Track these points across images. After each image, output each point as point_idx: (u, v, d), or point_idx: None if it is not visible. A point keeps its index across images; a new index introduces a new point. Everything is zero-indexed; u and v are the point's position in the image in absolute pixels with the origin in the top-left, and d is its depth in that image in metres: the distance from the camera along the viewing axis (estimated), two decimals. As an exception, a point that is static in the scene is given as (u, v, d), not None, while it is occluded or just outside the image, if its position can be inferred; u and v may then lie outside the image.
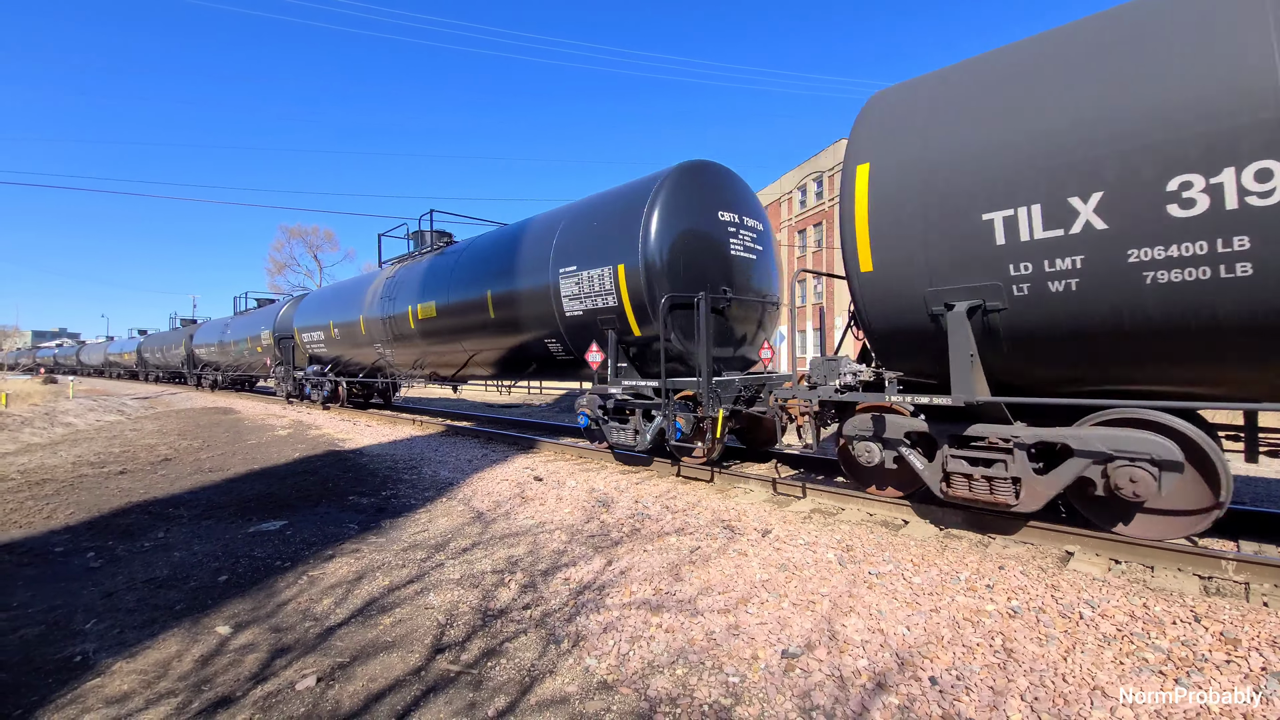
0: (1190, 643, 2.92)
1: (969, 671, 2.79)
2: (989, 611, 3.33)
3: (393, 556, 4.67)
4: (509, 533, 5.17)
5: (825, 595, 3.63)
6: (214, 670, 3.06)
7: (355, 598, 3.93)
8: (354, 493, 6.74)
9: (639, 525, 5.15)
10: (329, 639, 3.37)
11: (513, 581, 4.10)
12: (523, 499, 6.19)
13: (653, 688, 2.82)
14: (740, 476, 6.65)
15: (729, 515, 5.30)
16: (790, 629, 3.27)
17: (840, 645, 3.08)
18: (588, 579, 4.08)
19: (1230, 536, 4.65)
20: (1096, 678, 2.68)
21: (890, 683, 2.75)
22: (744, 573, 4.02)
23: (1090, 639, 3.00)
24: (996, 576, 3.76)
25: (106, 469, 8.26)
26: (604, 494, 6.17)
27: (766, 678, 2.85)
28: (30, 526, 5.59)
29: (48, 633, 3.51)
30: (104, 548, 5.00)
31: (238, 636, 3.43)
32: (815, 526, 4.98)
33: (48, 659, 3.21)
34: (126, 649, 3.30)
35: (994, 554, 4.29)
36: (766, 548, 4.45)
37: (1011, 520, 4.68)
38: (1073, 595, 3.45)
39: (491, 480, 7.09)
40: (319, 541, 5.07)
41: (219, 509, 6.16)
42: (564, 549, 4.68)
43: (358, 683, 2.92)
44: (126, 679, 3.00)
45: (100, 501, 6.48)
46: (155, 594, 4.05)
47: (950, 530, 4.92)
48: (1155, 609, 3.26)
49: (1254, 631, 2.98)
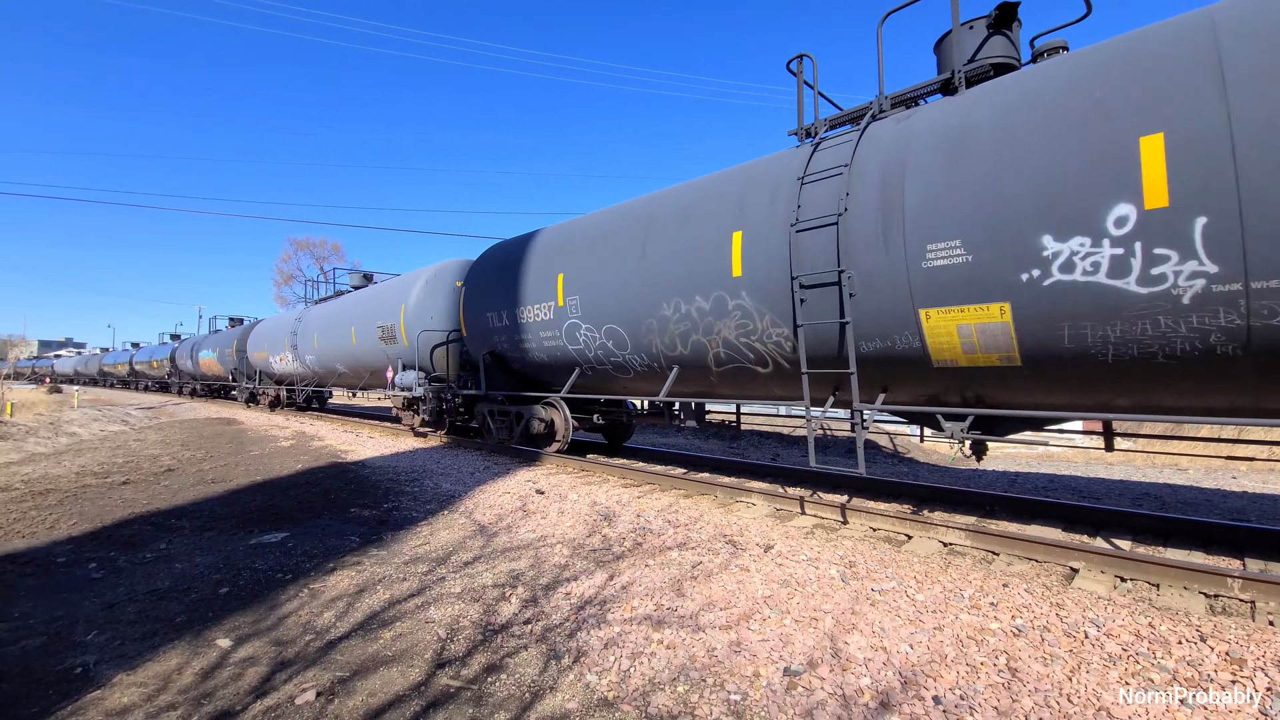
0: (1196, 663, 2.90)
1: (973, 691, 2.77)
2: (993, 630, 3.31)
3: (394, 570, 4.66)
4: (511, 546, 5.16)
5: (828, 612, 3.61)
6: (215, 684, 3.06)
7: (356, 611, 3.92)
8: (356, 505, 6.74)
9: (641, 540, 5.13)
10: (330, 653, 3.36)
11: (514, 596, 4.09)
12: (525, 512, 6.18)
13: (654, 705, 2.80)
14: (742, 491, 6.64)
15: (731, 530, 5.28)
16: (793, 646, 3.25)
17: (843, 663, 3.06)
18: (590, 594, 4.06)
19: (1236, 555, 4.62)
20: (1102, 698, 2.66)
21: (894, 702, 2.73)
22: (746, 589, 4.00)
23: (1095, 659, 2.98)
24: (1000, 594, 3.74)
25: (110, 479, 8.28)
26: (606, 507, 6.16)
27: (769, 696, 2.83)
28: (33, 537, 5.60)
29: (49, 644, 3.51)
30: (106, 559, 5.00)
31: (239, 650, 3.42)
32: (818, 542, 4.96)
33: (48, 670, 3.20)
34: (127, 661, 3.30)
35: (998, 571, 4.26)
36: (769, 563, 4.44)
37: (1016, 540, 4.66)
38: (1077, 614, 3.43)
39: (493, 493, 7.09)
40: (320, 554, 5.06)
41: (221, 520, 6.16)
42: (566, 563, 4.66)
43: (358, 698, 2.91)
44: (127, 692, 3.00)
45: (103, 512, 6.49)
46: (157, 606, 4.05)
47: (954, 546, 4.89)
48: (1161, 628, 3.23)
49: (1260, 651, 2.95)
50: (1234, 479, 8.10)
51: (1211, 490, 7.33)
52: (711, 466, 8.57)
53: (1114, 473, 8.57)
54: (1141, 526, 5.26)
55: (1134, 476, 8.27)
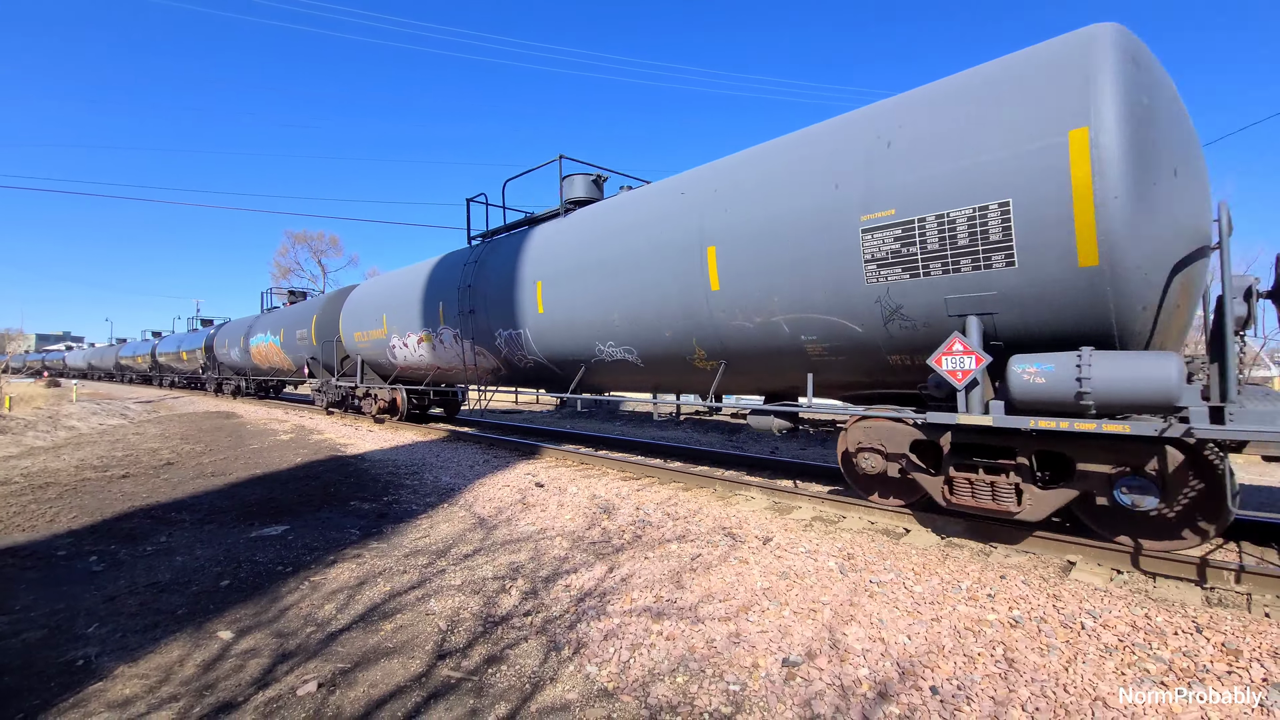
0: (1192, 654, 2.92)
1: (970, 681, 2.79)
2: (990, 621, 3.33)
3: (395, 562, 4.67)
4: (511, 539, 5.18)
5: (826, 604, 3.63)
6: (216, 675, 3.07)
7: (357, 603, 3.93)
8: (356, 498, 6.75)
9: (641, 532, 5.15)
10: (331, 645, 3.37)
11: (514, 588, 4.10)
12: (524, 505, 6.20)
13: (653, 695, 2.82)
14: (742, 484, 6.66)
15: (730, 522, 5.30)
16: (791, 637, 3.27)
17: (841, 654, 3.08)
18: (589, 586, 4.08)
19: (1233, 546, 4.64)
20: (1098, 688, 2.68)
21: (891, 692, 2.75)
22: (745, 580, 4.02)
23: (1092, 649, 3.00)
24: (998, 586, 3.76)
25: (109, 473, 8.28)
26: (606, 500, 6.18)
27: (767, 686, 2.85)
28: (33, 530, 5.61)
29: (50, 636, 3.52)
30: (106, 552, 5.01)
31: (240, 641, 3.43)
32: (816, 534, 4.98)
33: (50, 662, 3.22)
34: (129, 653, 3.31)
35: (995, 563, 4.28)
36: (768, 555, 4.46)
37: (1014, 530, 4.68)
38: (1074, 605, 3.45)
39: (493, 486, 7.10)
40: (321, 547, 5.07)
41: (221, 513, 6.17)
42: (566, 555, 4.68)
43: (359, 689, 2.92)
44: (129, 683, 3.01)
45: (103, 505, 6.50)
46: (157, 598, 4.06)
47: (952, 539, 4.92)
48: (1157, 619, 3.25)
49: (1255, 642, 2.97)
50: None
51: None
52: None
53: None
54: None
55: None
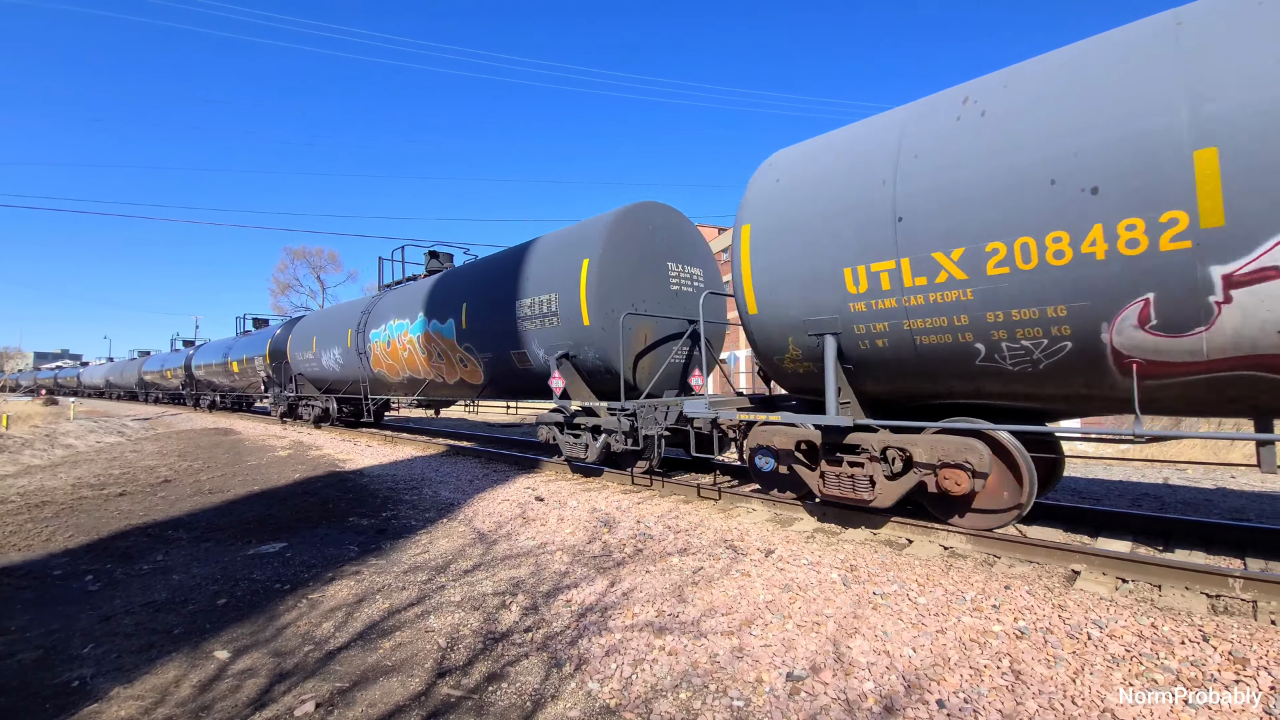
0: (1199, 663, 2.89)
1: (977, 694, 2.76)
2: (996, 632, 3.30)
3: (393, 579, 4.63)
4: (511, 554, 5.14)
5: (830, 616, 3.59)
6: (213, 696, 3.03)
7: (356, 621, 3.89)
8: (354, 514, 6.71)
9: (641, 546, 5.12)
10: (329, 664, 3.33)
11: (515, 604, 4.07)
12: (524, 519, 6.16)
13: (656, 712, 2.78)
14: (742, 496, 6.62)
15: (732, 535, 5.26)
16: (795, 651, 3.24)
17: (846, 668, 3.05)
18: (591, 601, 4.04)
19: (1237, 554, 4.62)
20: (1106, 700, 2.65)
21: (897, 706, 2.71)
22: (748, 594, 3.99)
23: (1099, 660, 2.97)
24: (1002, 597, 3.73)
25: (106, 491, 8.23)
26: (606, 514, 6.14)
27: (771, 701, 2.82)
28: (29, 549, 5.56)
29: (45, 657, 3.48)
30: (102, 571, 4.97)
31: (237, 661, 3.39)
32: (818, 546, 4.95)
33: (45, 684, 3.17)
34: (125, 674, 3.27)
35: (999, 574, 4.25)
36: (770, 568, 4.42)
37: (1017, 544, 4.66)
38: (1080, 615, 3.42)
39: (493, 500, 7.06)
40: (319, 564, 5.03)
41: (218, 531, 6.13)
42: (567, 570, 4.64)
43: (358, 709, 2.88)
44: (125, 705, 2.97)
45: (99, 524, 6.45)
46: (154, 618, 4.01)
47: (954, 550, 4.89)
48: (1164, 629, 3.23)
49: (1262, 650, 2.95)
50: (1233, 478, 8.11)
51: (1211, 490, 7.34)
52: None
53: (1113, 474, 8.57)
54: (1140, 527, 5.27)
55: (1133, 477, 8.28)
